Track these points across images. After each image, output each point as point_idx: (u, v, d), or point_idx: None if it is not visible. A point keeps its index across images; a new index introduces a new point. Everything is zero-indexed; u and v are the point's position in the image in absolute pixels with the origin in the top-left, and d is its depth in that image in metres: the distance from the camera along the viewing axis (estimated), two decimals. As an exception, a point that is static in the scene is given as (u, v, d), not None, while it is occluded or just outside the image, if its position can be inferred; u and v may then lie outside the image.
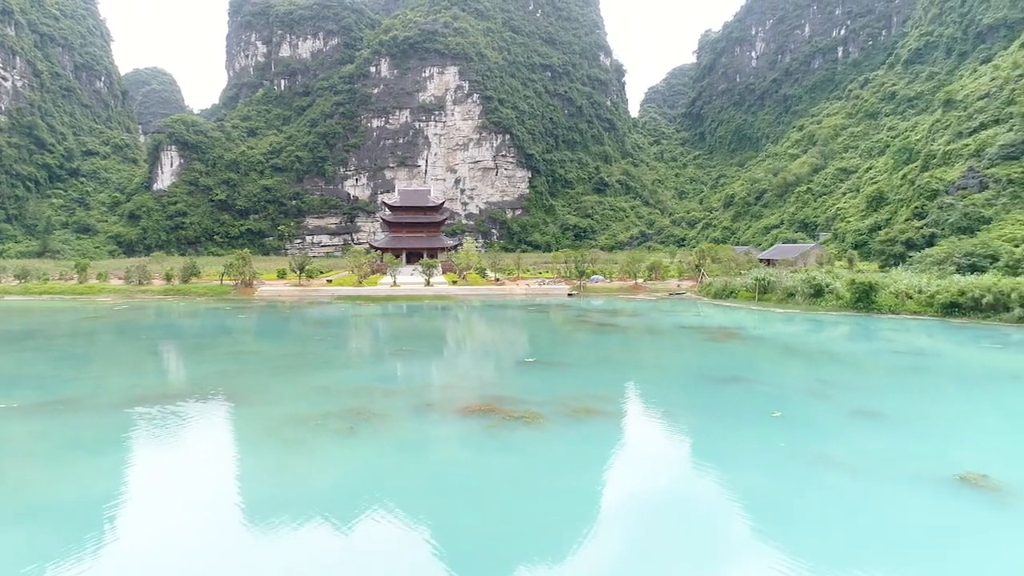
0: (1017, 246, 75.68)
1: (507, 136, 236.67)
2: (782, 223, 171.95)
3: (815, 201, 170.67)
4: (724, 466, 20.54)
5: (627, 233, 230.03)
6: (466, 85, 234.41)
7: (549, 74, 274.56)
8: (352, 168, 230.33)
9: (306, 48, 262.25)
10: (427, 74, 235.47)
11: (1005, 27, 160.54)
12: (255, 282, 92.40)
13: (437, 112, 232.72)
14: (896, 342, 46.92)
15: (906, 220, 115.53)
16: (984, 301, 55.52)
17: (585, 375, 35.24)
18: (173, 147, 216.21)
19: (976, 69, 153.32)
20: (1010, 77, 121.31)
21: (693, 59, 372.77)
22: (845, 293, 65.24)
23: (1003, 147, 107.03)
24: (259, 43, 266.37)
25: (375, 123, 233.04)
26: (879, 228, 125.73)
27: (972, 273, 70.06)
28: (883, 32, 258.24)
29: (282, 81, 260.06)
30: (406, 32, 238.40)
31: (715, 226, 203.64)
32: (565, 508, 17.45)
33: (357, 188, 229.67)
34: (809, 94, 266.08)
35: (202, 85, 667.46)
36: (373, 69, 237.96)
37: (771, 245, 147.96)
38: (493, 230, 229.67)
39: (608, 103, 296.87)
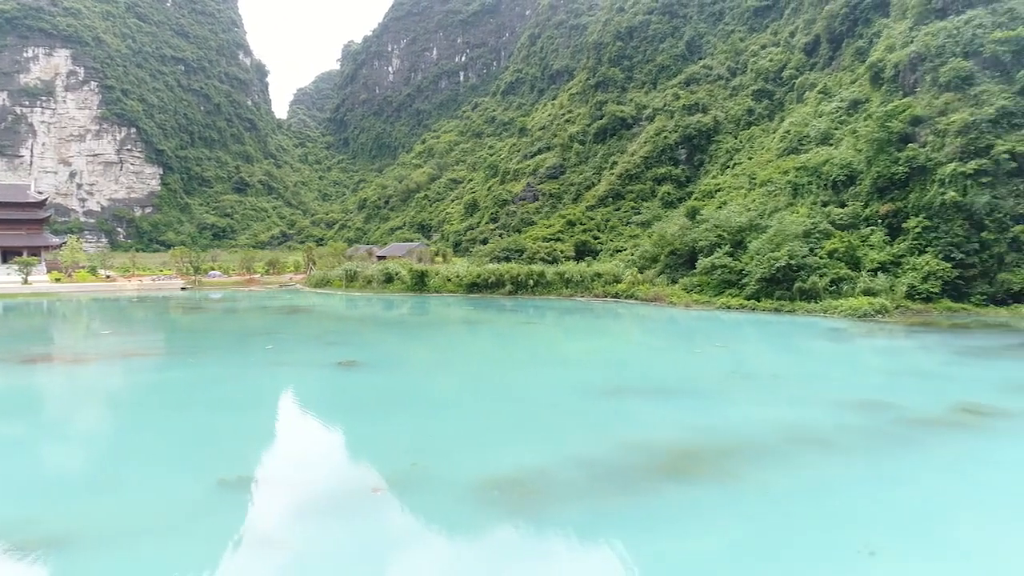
0: (535, 242, 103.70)
1: (133, 130, 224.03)
2: (404, 225, 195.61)
3: (431, 207, 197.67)
4: (215, 367, 33.53)
5: (268, 233, 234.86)
6: (81, 71, 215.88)
7: (182, 68, 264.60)
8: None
9: None
10: (30, 54, 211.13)
11: (567, 72, 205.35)
12: None
13: (45, 98, 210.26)
14: (412, 309, 65.65)
15: (486, 223, 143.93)
16: (491, 281, 78.29)
17: (144, 338, 45.75)
18: None
19: (545, 104, 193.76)
20: (558, 115, 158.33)
21: (338, 66, 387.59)
22: (408, 279, 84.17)
23: (549, 168, 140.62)
24: None
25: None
26: (472, 229, 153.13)
27: (507, 262, 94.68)
28: (494, 63, 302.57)
29: None
30: (2, 4, 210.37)
31: (350, 227, 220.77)
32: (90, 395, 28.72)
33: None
34: (437, 110, 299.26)
35: None
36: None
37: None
38: (119, 229, 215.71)
39: (249, 103, 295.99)
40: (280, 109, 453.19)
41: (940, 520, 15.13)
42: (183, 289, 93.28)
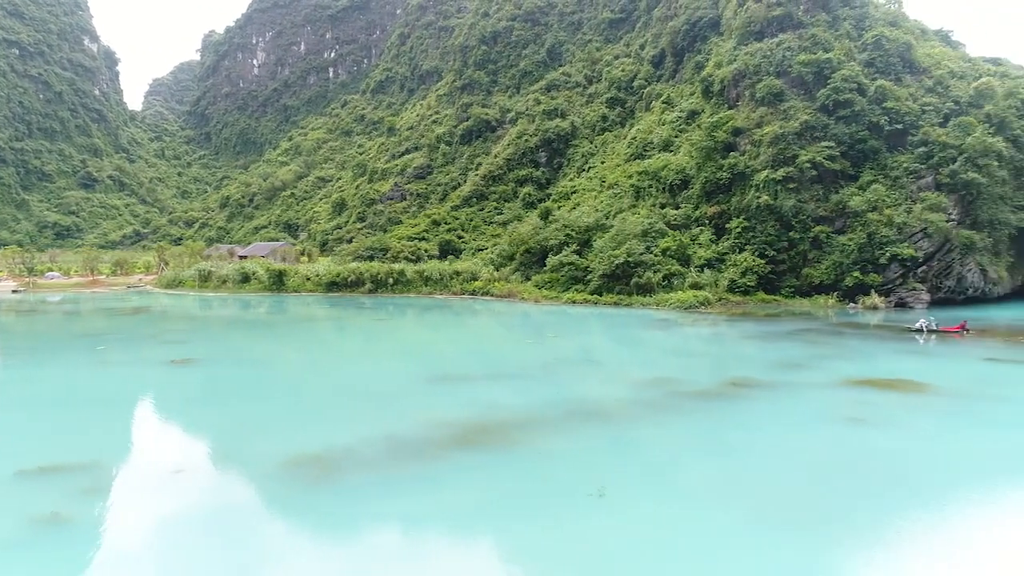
0: (400, 241, 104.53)
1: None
2: (270, 224, 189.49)
3: (298, 205, 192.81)
4: (38, 367, 32.51)
5: (120, 232, 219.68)
6: None
7: (17, 52, 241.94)
8: None
9: None
10: None
11: (436, 73, 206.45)
12: None
13: None
14: (265, 309, 65.09)
15: (354, 222, 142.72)
16: (350, 280, 78.51)
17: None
18: None
19: (415, 104, 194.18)
20: (426, 115, 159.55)
21: (198, 56, 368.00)
22: (265, 279, 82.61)
23: (416, 168, 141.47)
24: None
25: None
26: (339, 228, 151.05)
27: (370, 261, 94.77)
28: (365, 60, 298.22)
29: None
30: None
31: (211, 226, 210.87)
32: None
33: None
34: (306, 107, 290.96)
35: None
36: None
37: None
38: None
39: (97, 92, 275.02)
40: (134, 100, 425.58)
41: (671, 469, 18.24)
42: (15, 292, 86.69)
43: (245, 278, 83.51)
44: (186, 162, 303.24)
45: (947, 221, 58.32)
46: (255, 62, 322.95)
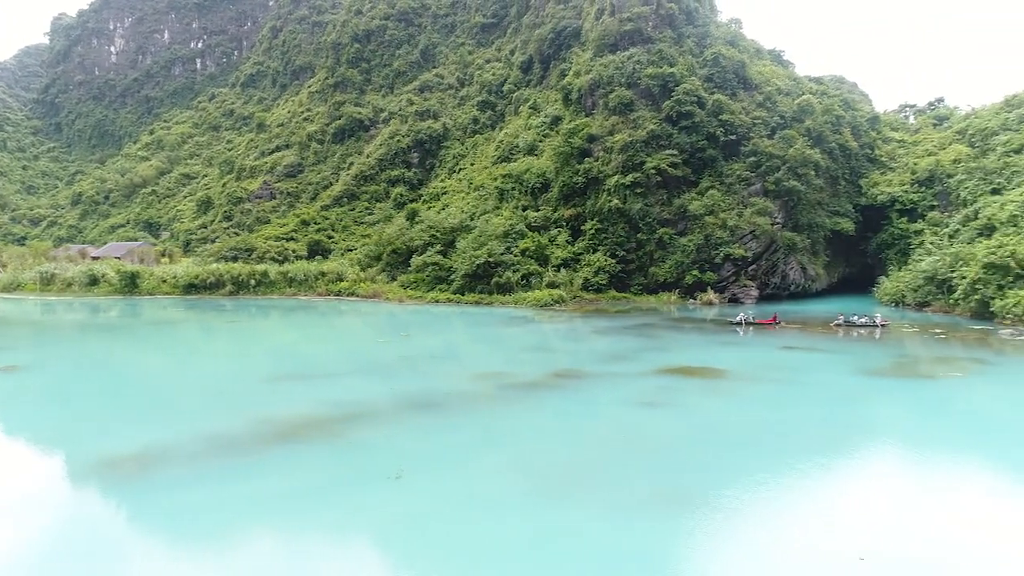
0: (267, 242, 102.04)
1: None
2: (128, 222, 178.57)
3: (160, 203, 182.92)
4: None
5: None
6: None
7: None
8: None
9: None
10: None
11: (310, 69, 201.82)
12: None
13: None
14: (113, 313, 62.26)
15: (220, 221, 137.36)
16: (209, 281, 76.16)
17: None
18: None
19: (287, 100, 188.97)
20: (297, 112, 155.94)
21: (47, 40, 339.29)
22: (116, 281, 78.53)
23: (287, 167, 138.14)
24: None
25: None
26: (204, 228, 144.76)
27: (234, 262, 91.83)
28: (235, 53, 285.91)
29: None
30: None
31: (61, 224, 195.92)
32: None
33: None
34: (171, 99, 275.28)
35: None
36: None
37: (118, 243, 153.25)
38: None
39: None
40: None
41: (469, 452, 20.08)
42: None
43: (93, 280, 79.04)
44: (32, 155, 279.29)
45: (772, 224, 64.67)
46: (113, 49, 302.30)
